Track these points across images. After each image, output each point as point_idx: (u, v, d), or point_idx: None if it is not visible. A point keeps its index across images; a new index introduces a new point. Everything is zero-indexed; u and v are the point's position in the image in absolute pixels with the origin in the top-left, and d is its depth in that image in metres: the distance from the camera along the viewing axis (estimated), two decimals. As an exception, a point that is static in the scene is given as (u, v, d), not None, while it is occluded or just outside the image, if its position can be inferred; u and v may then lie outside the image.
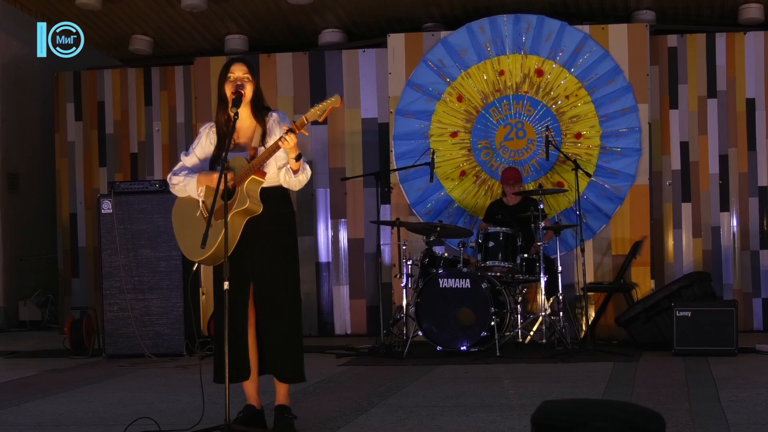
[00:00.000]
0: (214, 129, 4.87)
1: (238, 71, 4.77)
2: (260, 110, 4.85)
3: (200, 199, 4.76)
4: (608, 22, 9.52)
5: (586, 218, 8.92)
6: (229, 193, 4.64)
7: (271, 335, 4.81)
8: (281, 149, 4.61)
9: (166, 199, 8.06)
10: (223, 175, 4.51)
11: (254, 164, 4.65)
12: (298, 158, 4.66)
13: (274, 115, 4.86)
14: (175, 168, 4.92)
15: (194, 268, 5.06)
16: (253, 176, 4.66)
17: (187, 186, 4.81)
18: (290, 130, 4.56)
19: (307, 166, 4.79)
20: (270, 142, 4.72)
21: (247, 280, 4.76)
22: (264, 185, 4.72)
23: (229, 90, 4.75)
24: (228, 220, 4.58)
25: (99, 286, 8.83)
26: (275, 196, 4.77)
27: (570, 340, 7.92)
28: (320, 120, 4.71)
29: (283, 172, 4.73)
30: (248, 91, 4.77)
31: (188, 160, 4.91)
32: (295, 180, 4.74)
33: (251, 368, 4.84)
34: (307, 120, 4.60)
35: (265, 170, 4.71)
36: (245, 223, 4.69)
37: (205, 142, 4.88)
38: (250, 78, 4.79)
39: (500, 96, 9.29)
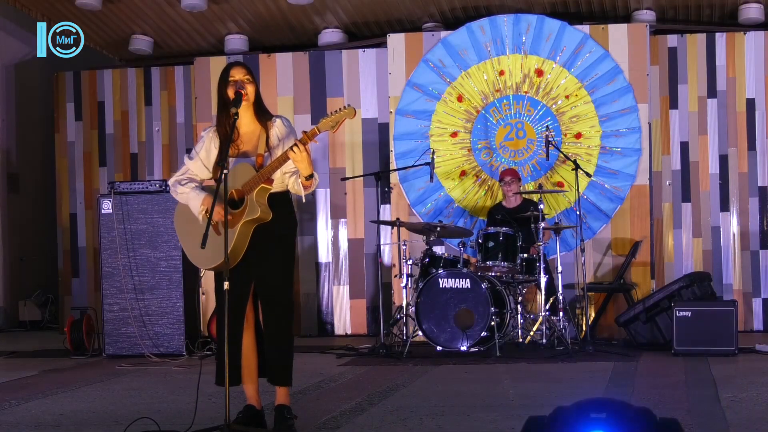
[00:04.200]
0: (216, 132, 4.85)
1: (239, 74, 4.75)
2: (262, 114, 4.83)
3: (200, 217, 4.75)
4: (608, 22, 9.52)
5: (586, 218, 8.92)
6: (233, 202, 4.64)
7: (270, 338, 4.81)
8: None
9: (166, 199, 8.07)
10: (223, 178, 4.50)
11: (264, 174, 4.63)
12: (309, 177, 4.63)
13: (278, 121, 4.84)
14: (181, 174, 4.87)
15: (201, 275, 5.04)
16: (262, 185, 4.65)
17: (190, 201, 4.78)
18: (302, 141, 4.54)
19: (316, 178, 4.74)
20: (279, 152, 4.70)
21: (248, 282, 4.76)
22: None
23: (231, 92, 4.73)
24: (238, 228, 4.59)
25: (99, 286, 8.82)
26: (280, 201, 4.77)
27: (570, 340, 7.92)
28: (333, 132, 4.68)
29: (293, 180, 4.72)
30: (250, 92, 4.76)
31: (194, 165, 4.86)
32: (303, 193, 4.73)
33: (252, 369, 4.85)
34: (318, 131, 4.57)
35: (272, 177, 4.70)
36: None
37: (210, 146, 4.83)
38: (251, 80, 4.79)
39: (500, 96, 9.29)
